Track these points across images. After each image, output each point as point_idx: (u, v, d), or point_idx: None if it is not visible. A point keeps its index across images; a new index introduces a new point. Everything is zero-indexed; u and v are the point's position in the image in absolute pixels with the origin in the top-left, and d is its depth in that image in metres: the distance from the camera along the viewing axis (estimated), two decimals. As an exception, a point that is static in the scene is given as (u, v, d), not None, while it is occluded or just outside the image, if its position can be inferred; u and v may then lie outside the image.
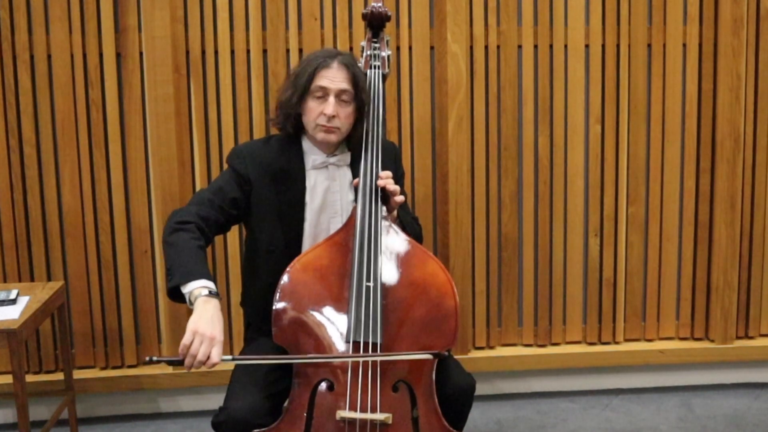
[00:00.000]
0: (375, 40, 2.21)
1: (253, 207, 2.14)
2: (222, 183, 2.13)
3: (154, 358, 1.77)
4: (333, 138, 2.11)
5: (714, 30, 2.96)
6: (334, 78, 2.08)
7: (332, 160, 2.17)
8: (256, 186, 2.13)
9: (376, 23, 2.20)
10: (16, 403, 2.33)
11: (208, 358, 1.76)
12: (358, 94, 2.10)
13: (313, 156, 2.16)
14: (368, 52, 2.19)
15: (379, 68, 2.17)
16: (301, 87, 2.09)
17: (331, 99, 2.08)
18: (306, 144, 2.18)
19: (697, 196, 3.06)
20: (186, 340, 1.76)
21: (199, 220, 2.01)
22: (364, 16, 2.20)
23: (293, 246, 2.13)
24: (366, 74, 2.17)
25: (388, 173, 2.06)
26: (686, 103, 3.00)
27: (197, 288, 1.84)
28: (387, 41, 2.22)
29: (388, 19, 2.20)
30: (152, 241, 2.89)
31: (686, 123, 3.02)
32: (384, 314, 1.90)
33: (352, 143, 2.19)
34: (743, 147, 3.00)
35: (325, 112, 2.07)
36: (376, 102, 2.13)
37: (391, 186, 2.03)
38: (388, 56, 2.20)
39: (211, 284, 1.87)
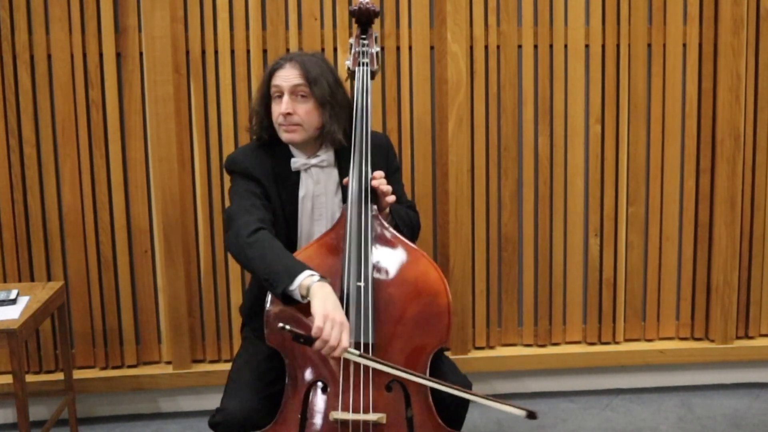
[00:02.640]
0: (363, 36, 2.18)
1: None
2: (243, 187, 2.11)
3: (287, 327, 1.77)
4: (296, 137, 2.12)
5: (714, 30, 2.96)
6: (286, 76, 2.11)
7: (313, 161, 2.17)
8: (264, 184, 2.13)
9: (364, 19, 2.18)
10: (16, 403, 2.33)
11: (339, 344, 1.77)
12: (314, 89, 2.10)
13: (294, 159, 2.17)
14: (357, 49, 2.17)
15: (367, 65, 2.15)
16: (263, 92, 2.15)
17: (285, 97, 2.10)
18: (291, 147, 2.19)
19: (697, 196, 3.06)
20: (319, 322, 1.75)
21: (262, 223, 2.00)
22: (352, 13, 2.19)
23: (291, 248, 2.12)
24: (354, 71, 2.16)
25: (381, 173, 2.05)
26: (686, 103, 3.00)
27: (305, 278, 1.83)
28: (376, 38, 2.20)
29: (376, 15, 2.19)
30: (152, 241, 2.89)
31: (686, 123, 3.02)
32: (376, 314, 1.90)
33: (333, 142, 2.17)
34: (743, 147, 3.00)
35: (281, 111, 2.10)
36: (363, 99, 2.10)
37: (384, 187, 2.02)
38: (377, 53, 2.18)
39: (314, 271, 1.86)
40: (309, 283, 1.82)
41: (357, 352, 1.82)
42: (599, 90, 2.97)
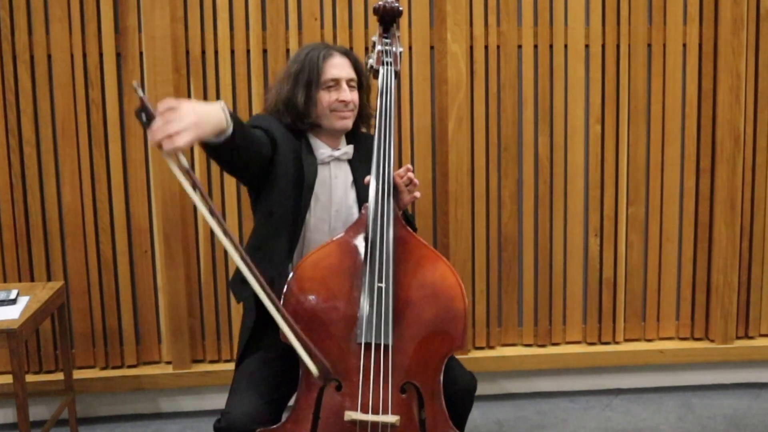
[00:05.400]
0: (386, 35, 2.19)
1: (274, 167, 2.09)
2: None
3: (139, 111, 1.62)
4: (349, 123, 2.18)
5: (714, 30, 2.96)
6: (341, 66, 2.15)
7: (336, 153, 2.18)
8: (281, 147, 2.10)
9: (387, 18, 2.18)
10: (16, 403, 2.33)
11: (175, 134, 1.59)
12: (361, 79, 2.19)
13: (320, 150, 2.17)
14: (380, 48, 2.17)
15: (391, 65, 2.15)
16: (314, 82, 2.12)
17: (345, 85, 2.14)
18: (311, 139, 2.19)
19: (697, 196, 3.06)
20: (173, 104, 1.62)
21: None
22: (376, 11, 2.18)
23: (298, 219, 2.11)
24: (378, 70, 2.16)
25: (410, 167, 2.07)
26: (686, 103, 3.00)
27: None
28: (398, 37, 2.21)
29: (400, 14, 2.18)
30: (152, 241, 2.89)
31: (686, 123, 3.01)
32: (394, 316, 1.88)
33: (349, 136, 2.22)
34: (743, 147, 3.00)
35: (344, 99, 2.12)
36: (388, 100, 2.09)
37: (417, 180, 2.06)
38: (400, 53, 2.19)
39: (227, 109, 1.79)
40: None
41: (182, 163, 1.66)
42: (599, 90, 2.97)
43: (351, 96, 2.14)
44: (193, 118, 1.64)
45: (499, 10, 2.88)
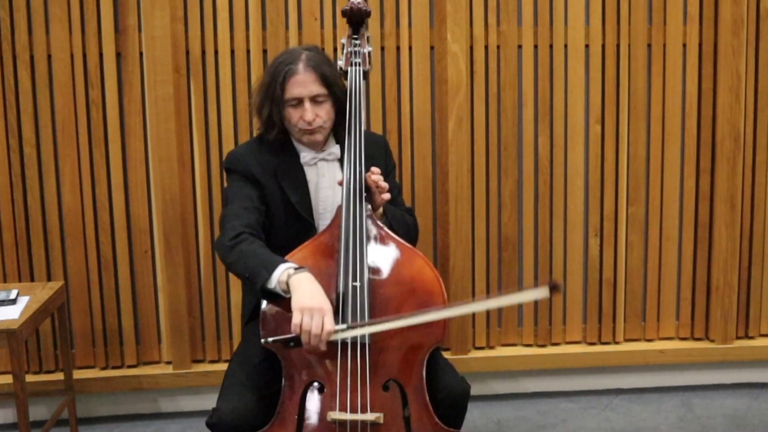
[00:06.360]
0: (355, 36, 2.19)
1: (265, 204, 2.14)
2: (238, 189, 2.12)
3: (269, 340, 1.83)
4: (319, 137, 2.16)
5: (714, 30, 2.96)
6: (304, 83, 2.10)
7: (321, 155, 2.19)
8: (264, 184, 2.14)
9: (356, 19, 2.18)
10: (16, 403, 2.34)
11: (323, 329, 1.78)
12: (332, 90, 2.13)
13: (303, 153, 2.18)
14: (348, 49, 2.18)
15: (359, 65, 2.16)
16: (277, 100, 2.12)
17: (307, 105, 2.10)
18: (296, 143, 2.20)
19: (697, 196, 3.06)
20: (296, 320, 1.78)
21: (247, 228, 2.01)
22: (344, 13, 2.19)
23: (305, 239, 2.11)
24: (347, 71, 2.16)
25: (378, 170, 2.06)
26: (686, 103, 3.00)
27: (281, 273, 1.85)
28: (368, 38, 2.21)
29: (368, 15, 2.19)
30: (152, 241, 2.89)
31: (686, 123, 3.01)
32: (371, 314, 1.90)
33: (339, 135, 2.21)
34: (743, 147, 3.00)
35: (305, 118, 2.10)
36: (356, 100, 2.11)
37: (382, 183, 2.04)
38: (369, 53, 2.19)
39: (291, 263, 1.88)
40: (286, 278, 1.84)
41: (344, 326, 1.83)
42: (599, 90, 2.97)
43: (314, 113, 2.10)
44: (315, 305, 1.81)
45: (499, 10, 2.88)
